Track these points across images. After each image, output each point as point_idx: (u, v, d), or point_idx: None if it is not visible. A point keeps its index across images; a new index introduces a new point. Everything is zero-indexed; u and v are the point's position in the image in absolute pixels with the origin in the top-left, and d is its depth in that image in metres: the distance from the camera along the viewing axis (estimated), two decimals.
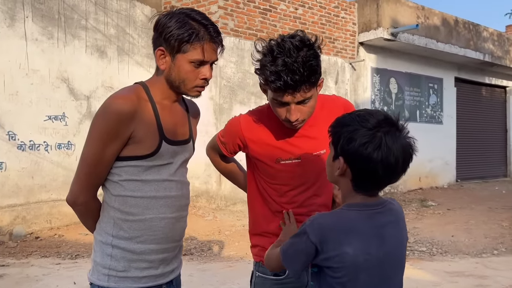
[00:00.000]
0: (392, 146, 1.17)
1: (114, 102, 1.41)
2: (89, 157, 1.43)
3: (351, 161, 1.21)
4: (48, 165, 6.20)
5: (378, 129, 1.18)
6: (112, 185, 1.47)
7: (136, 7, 7.53)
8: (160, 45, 1.46)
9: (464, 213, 7.94)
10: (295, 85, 1.47)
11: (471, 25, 11.47)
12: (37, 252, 5.23)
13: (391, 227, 1.26)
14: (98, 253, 1.49)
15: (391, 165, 1.18)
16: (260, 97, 8.09)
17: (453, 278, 4.40)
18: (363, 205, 1.24)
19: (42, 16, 6.21)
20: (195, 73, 1.47)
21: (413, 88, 11.00)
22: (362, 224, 1.22)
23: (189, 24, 1.43)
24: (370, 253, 1.20)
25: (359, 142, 1.17)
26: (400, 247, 1.28)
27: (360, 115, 1.23)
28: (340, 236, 1.19)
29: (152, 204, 1.47)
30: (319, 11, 9.09)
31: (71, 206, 1.50)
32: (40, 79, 6.15)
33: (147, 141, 1.45)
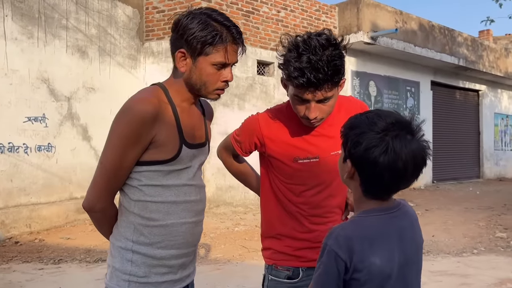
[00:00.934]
0: (401, 151, 1.10)
1: (136, 105, 1.37)
2: (109, 162, 1.38)
3: (357, 165, 1.16)
4: (27, 168, 6.04)
5: (386, 132, 1.12)
6: (131, 190, 1.43)
7: (117, 7, 7.42)
8: (181, 47, 1.42)
9: (442, 214, 8.14)
10: (318, 84, 1.46)
11: (447, 30, 11.79)
12: (17, 257, 5.08)
13: (409, 230, 1.22)
14: (117, 258, 1.44)
15: (399, 171, 1.11)
16: (243, 99, 8.10)
17: (437, 278, 4.50)
18: (379, 209, 1.19)
19: (22, 15, 6.05)
20: (216, 76, 1.43)
21: (391, 91, 11.22)
22: (384, 230, 1.17)
23: (211, 26, 1.39)
24: (394, 260, 1.15)
25: (365, 146, 1.12)
26: (418, 250, 1.25)
27: (369, 117, 1.17)
28: (365, 247, 1.12)
29: (173, 209, 1.45)
30: (301, 14, 9.18)
31: (87, 212, 1.45)
32: (19, 79, 5.98)
33: (168, 145, 1.42)
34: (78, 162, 6.56)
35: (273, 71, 8.60)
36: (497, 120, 15.28)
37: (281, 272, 1.69)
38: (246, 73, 8.16)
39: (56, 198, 6.34)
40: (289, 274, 1.67)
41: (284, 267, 1.67)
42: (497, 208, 8.71)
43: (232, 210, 7.81)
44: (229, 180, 7.62)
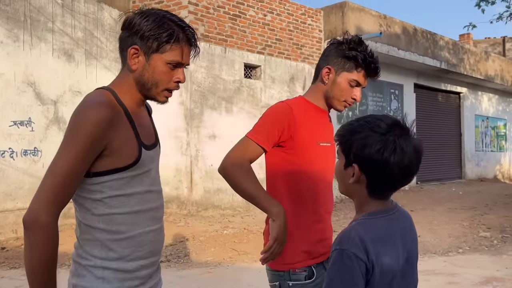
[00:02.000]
0: (406, 149, 1.19)
1: (91, 109, 1.29)
2: (61, 169, 1.26)
3: (367, 167, 1.20)
4: (13, 173, 5.95)
5: (390, 133, 1.19)
6: (94, 205, 1.34)
7: (104, 10, 7.38)
8: (133, 44, 1.37)
9: (426, 214, 8.30)
10: (376, 75, 1.82)
11: (429, 34, 12.02)
12: (5, 263, 5.01)
13: (408, 230, 1.29)
14: (87, 277, 1.35)
15: (406, 167, 1.20)
16: (231, 102, 8.13)
17: (425, 277, 4.60)
18: (383, 211, 1.25)
19: (8, 18, 5.98)
20: (169, 75, 1.40)
21: (376, 94, 11.38)
22: (391, 231, 1.23)
23: (168, 24, 1.36)
24: (399, 259, 1.21)
25: (374, 148, 1.18)
26: (415, 249, 1.31)
27: (369, 121, 1.23)
28: (378, 247, 1.17)
29: (138, 219, 1.39)
30: (287, 17, 9.26)
31: (28, 229, 1.24)
32: (5, 83, 5.90)
33: (126, 150, 1.35)
34: None
35: (260, 74, 8.66)
36: (478, 122, 15.62)
37: (300, 274, 1.70)
38: (233, 76, 8.19)
39: None
40: (306, 274, 1.71)
41: (301, 269, 1.70)
42: (480, 208, 8.92)
43: (221, 213, 7.82)
44: (217, 183, 7.63)
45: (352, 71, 1.77)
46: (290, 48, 9.28)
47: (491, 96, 16.39)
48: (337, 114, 10.28)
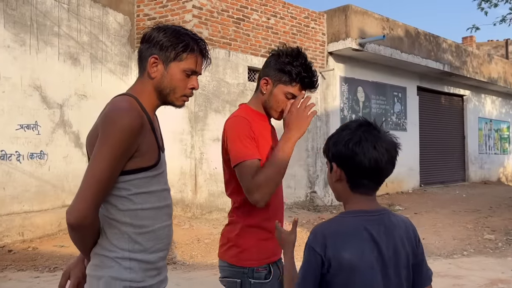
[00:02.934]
0: (373, 140, 1.28)
1: (124, 116, 1.40)
2: (101, 173, 1.38)
3: (341, 162, 1.32)
4: (20, 176, 6.00)
5: (358, 128, 1.32)
6: (120, 201, 1.46)
7: (109, 14, 7.44)
8: (152, 54, 1.51)
9: (430, 217, 8.30)
10: (313, 87, 1.89)
11: (432, 37, 12.05)
12: (12, 265, 5.04)
13: (385, 235, 1.30)
14: (114, 268, 1.46)
15: (375, 159, 1.28)
16: (235, 105, 8.16)
17: None
18: (359, 211, 1.32)
19: (14, 23, 6.04)
20: (185, 82, 1.53)
21: (379, 97, 11.40)
22: (356, 230, 1.29)
23: (184, 36, 1.52)
24: (362, 258, 1.26)
25: (342, 142, 1.31)
26: (397, 254, 1.31)
27: (343, 125, 1.38)
28: (338, 242, 1.26)
29: (158, 214, 1.52)
30: (290, 21, 9.30)
31: (74, 229, 1.39)
32: (12, 86, 5.96)
33: (150, 152, 1.48)
34: (71, 170, 6.54)
35: None
36: (481, 124, 15.61)
37: (262, 273, 1.77)
38: (237, 79, 8.23)
39: (49, 206, 6.31)
40: (266, 273, 1.77)
41: (263, 267, 1.77)
42: (484, 210, 8.91)
43: (225, 216, 7.83)
44: (221, 186, 7.66)
45: (287, 84, 1.83)
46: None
47: (494, 99, 16.38)
48: (340, 117, 10.32)
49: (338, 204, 9.78)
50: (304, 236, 2.42)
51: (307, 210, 8.85)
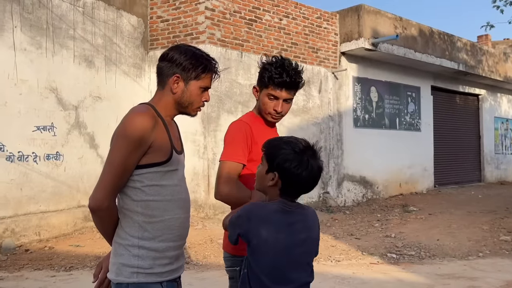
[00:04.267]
0: (314, 166, 1.61)
1: (138, 115, 1.66)
2: (117, 163, 1.62)
3: (284, 176, 1.60)
4: (36, 177, 6.10)
5: (304, 153, 1.60)
6: (133, 192, 1.67)
7: (123, 17, 7.53)
8: (175, 73, 1.76)
9: (445, 218, 8.21)
10: (289, 85, 2.06)
11: (446, 36, 11.91)
12: (28, 265, 5.13)
13: (299, 224, 1.64)
14: (125, 255, 1.66)
15: (312, 180, 1.63)
16: (247, 106, 8.19)
17: (445, 281, 4.57)
18: (284, 203, 1.63)
19: (31, 26, 6.15)
20: (200, 97, 1.81)
21: (392, 97, 11.32)
22: (277, 215, 1.61)
23: (201, 58, 1.79)
24: (278, 238, 1.57)
25: (293, 164, 1.58)
26: (307, 240, 1.65)
27: (291, 142, 1.64)
28: (259, 221, 1.58)
29: (169, 206, 1.71)
30: (303, 21, 9.29)
31: (94, 212, 1.64)
32: (28, 89, 6.07)
33: (163, 149, 1.69)
34: (86, 170, 6.64)
35: None
36: (497, 124, 15.38)
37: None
38: (250, 80, 8.25)
39: (65, 206, 6.41)
40: None
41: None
42: (500, 211, 8.78)
43: None
44: None
45: (266, 87, 2.08)
46: (306, 52, 9.31)
47: (510, 98, 16.12)
48: (353, 118, 10.27)
49: (351, 205, 9.74)
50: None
51: (319, 210, 8.83)
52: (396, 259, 5.51)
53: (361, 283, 4.45)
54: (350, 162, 10.04)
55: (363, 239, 6.60)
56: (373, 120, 10.76)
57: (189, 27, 7.81)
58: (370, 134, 10.57)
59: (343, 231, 7.17)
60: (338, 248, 6.00)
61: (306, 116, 9.22)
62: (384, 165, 10.72)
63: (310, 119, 9.31)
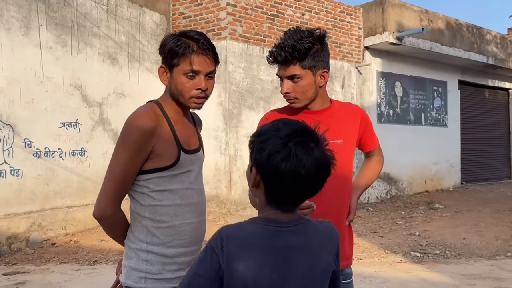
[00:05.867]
0: (303, 158, 1.09)
1: (137, 120, 1.55)
2: (117, 171, 1.55)
3: (261, 172, 1.13)
4: (62, 172, 6.24)
5: (289, 139, 1.10)
6: (141, 197, 1.60)
7: (145, 14, 7.60)
8: (161, 64, 1.66)
9: (472, 216, 8.00)
10: (282, 60, 1.78)
11: (475, 28, 11.57)
12: (55, 258, 5.26)
13: (296, 250, 1.14)
14: (134, 259, 1.60)
15: (302, 178, 1.09)
16: (269, 102, 8.16)
17: (471, 281, 4.45)
18: (270, 220, 1.15)
19: (56, 24, 6.27)
20: (190, 84, 1.60)
21: (418, 92, 11.08)
22: (261, 240, 1.12)
23: (181, 40, 1.60)
24: (261, 275, 1.10)
25: (268, 152, 1.10)
26: (310, 273, 1.14)
27: (275, 125, 1.16)
28: (235, 250, 1.10)
29: (179, 211, 1.61)
30: (325, 16, 9.17)
31: (99, 221, 1.60)
32: (54, 86, 6.20)
33: (167, 153, 1.58)
34: None
35: None
36: None
37: None
38: (271, 76, 8.21)
39: (89, 201, 6.53)
40: None
41: None
42: None
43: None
44: None
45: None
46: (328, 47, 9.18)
47: None
48: (377, 113, 10.10)
49: (375, 202, 9.60)
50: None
51: None
52: (420, 258, 5.41)
53: (383, 282, 4.38)
54: None
55: (386, 237, 6.50)
56: (397, 116, 10.56)
57: (211, 23, 7.82)
58: (395, 130, 10.38)
59: (365, 229, 7.07)
60: (360, 245, 5.92)
61: None
62: (409, 161, 10.51)
63: None
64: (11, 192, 5.68)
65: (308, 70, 1.80)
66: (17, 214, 5.71)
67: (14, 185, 5.71)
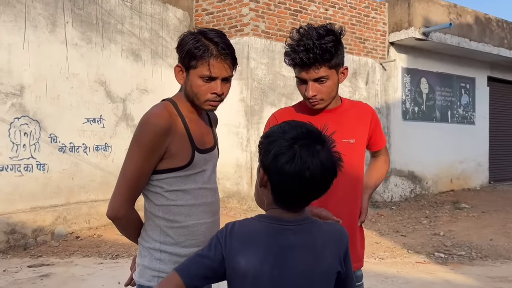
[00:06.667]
0: (308, 160, 1.12)
1: (151, 120, 1.53)
2: (130, 171, 1.54)
3: (268, 173, 1.17)
4: (86, 167, 6.36)
5: (295, 141, 1.14)
6: (155, 196, 1.59)
7: (169, 10, 7.64)
8: (178, 62, 1.62)
9: (500, 216, 7.77)
10: (309, 63, 1.68)
11: (505, 23, 11.20)
12: (78, 251, 5.37)
13: (297, 250, 1.16)
14: (147, 258, 1.61)
15: (306, 180, 1.12)
16: (291, 98, 8.10)
17: (497, 284, 4.32)
18: (275, 218, 1.19)
19: (81, 22, 6.37)
20: (205, 88, 1.57)
21: (444, 88, 10.81)
22: (264, 237, 1.17)
23: (201, 42, 1.54)
24: (262, 270, 1.14)
25: (273, 154, 1.14)
26: (308, 272, 1.16)
27: (282, 127, 1.20)
28: (238, 245, 1.16)
29: (193, 211, 1.61)
30: (350, 11, 9.04)
31: (113, 221, 1.60)
32: (79, 82, 6.31)
33: (181, 154, 1.57)
34: None
35: None
36: None
37: None
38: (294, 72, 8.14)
39: None
40: None
41: None
42: None
43: None
44: None
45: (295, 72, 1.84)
46: (352, 42, 9.06)
47: None
48: (402, 110, 9.91)
49: (398, 200, 9.44)
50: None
51: None
52: (444, 259, 5.28)
53: (405, 282, 4.29)
54: (397, 156, 9.71)
55: (409, 237, 6.38)
56: (423, 113, 10.34)
57: (234, 19, 7.81)
58: (420, 127, 10.16)
59: (388, 228, 6.96)
60: (382, 245, 5.83)
61: None
62: (434, 159, 10.29)
63: None
64: (38, 186, 5.83)
65: (334, 69, 1.75)
66: (43, 208, 5.85)
67: (40, 179, 5.85)
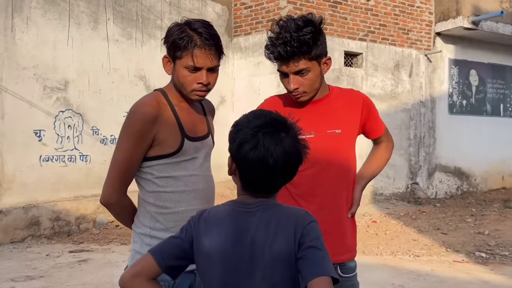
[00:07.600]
0: (271, 147, 1.15)
1: (138, 108, 1.59)
2: (120, 159, 1.59)
3: (235, 161, 1.22)
4: None
5: (259, 129, 1.17)
6: (146, 183, 1.64)
7: (207, 5, 7.74)
8: (166, 53, 1.65)
9: None
10: (287, 56, 1.65)
11: None
12: (117, 239, 5.60)
13: (256, 230, 1.19)
14: (138, 243, 1.65)
15: (269, 167, 1.16)
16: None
17: None
18: (239, 202, 1.25)
19: (122, 18, 6.60)
20: (191, 78, 1.60)
21: (496, 80, 10.24)
22: (227, 219, 1.22)
23: (185, 32, 1.57)
24: (223, 251, 1.19)
25: (238, 142, 1.18)
26: (260, 254, 1.18)
27: (247, 116, 1.24)
28: (204, 227, 1.23)
29: (183, 197, 1.64)
30: (393, 1, 8.74)
31: (106, 207, 1.65)
32: (120, 77, 6.55)
33: (170, 141, 1.60)
34: None
35: (362, 62, 8.34)
36: None
37: None
38: (333, 65, 8.00)
39: None
40: None
41: None
42: None
43: None
44: None
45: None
46: (395, 33, 8.76)
47: None
48: (448, 104, 9.49)
49: (443, 197, 9.08)
50: (399, 230, 2.23)
51: (406, 202, 8.36)
52: (485, 259, 5.03)
53: (438, 281, 4.13)
54: (443, 151, 9.33)
55: (450, 235, 6.12)
56: (472, 106, 9.85)
57: (271, 13, 7.78)
58: (468, 121, 9.69)
59: (429, 225, 6.71)
60: (419, 242, 5.64)
61: (394, 102, 8.72)
62: (484, 155, 9.77)
63: (398, 105, 8.79)
64: (80, 176, 6.12)
65: (315, 61, 1.71)
66: (85, 197, 6.14)
67: (83, 169, 6.15)
